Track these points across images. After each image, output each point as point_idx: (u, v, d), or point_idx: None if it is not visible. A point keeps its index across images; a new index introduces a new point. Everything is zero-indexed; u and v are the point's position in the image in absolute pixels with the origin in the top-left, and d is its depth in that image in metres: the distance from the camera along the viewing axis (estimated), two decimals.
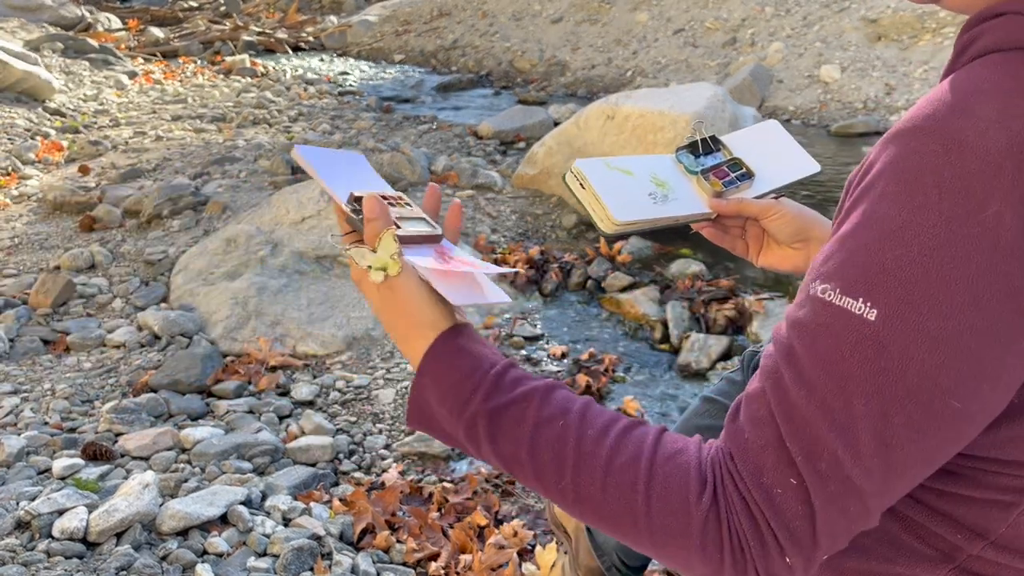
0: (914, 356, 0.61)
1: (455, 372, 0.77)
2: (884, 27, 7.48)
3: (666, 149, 4.00)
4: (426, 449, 2.35)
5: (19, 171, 4.87)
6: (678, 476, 0.69)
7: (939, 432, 0.62)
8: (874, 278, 0.62)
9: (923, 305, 0.60)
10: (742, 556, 0.66)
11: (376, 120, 6.59)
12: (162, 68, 8.98)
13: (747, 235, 1.20)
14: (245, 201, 4.10)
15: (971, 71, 0.65)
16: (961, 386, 0.61)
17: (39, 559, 1.75)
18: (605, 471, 0.70)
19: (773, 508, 0.65)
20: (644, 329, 3.22)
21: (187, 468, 2.19)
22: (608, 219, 1.07)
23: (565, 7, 10.25)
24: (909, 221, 0.61)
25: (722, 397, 1.41)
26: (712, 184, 1.16)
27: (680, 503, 0.68)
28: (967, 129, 0.60)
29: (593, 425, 0.73)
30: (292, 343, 2.92)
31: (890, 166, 0.63)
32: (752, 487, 0.66)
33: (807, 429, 0.64)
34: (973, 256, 0.59)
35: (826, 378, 0.63)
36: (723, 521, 0.67)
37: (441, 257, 0.83)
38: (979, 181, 0.59)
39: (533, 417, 0.73)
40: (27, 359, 2.81)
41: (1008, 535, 0.72)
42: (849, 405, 0.62)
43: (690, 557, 0.68)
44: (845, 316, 0.63)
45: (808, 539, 0.65)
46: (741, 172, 1.18)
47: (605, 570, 1.49)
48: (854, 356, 0.62)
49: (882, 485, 0.64)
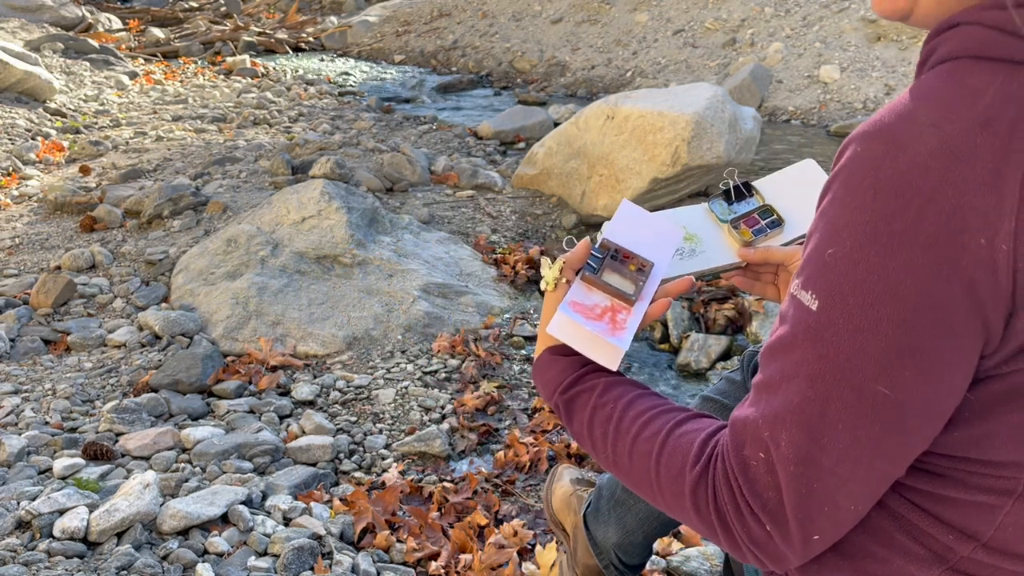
0: (843, 343, 0.66)
1: (549, 374, 0.98)
2: (884, 27, 7.48)
3: (666, 149, 4.00)
4: (426, 449, 2.36)
5: (20, 171, 4.87)
6: (683, 447, 0.80)
7: (874, 417, 0.67)
8: (817, 273, 0.68)
9: (849, 296, 0.66)
10: (727, 523, 0.74)
11: (376, 120, 6.60)
12: (163, 68, 8.98)
13: (778, 280, 1.22)
14: (246, 201, 4.11)
15: (924, 79, 0.69)
16: (884, 373, 0.65)
17: (40, 559, 1.75)
18: (633, 442, 0.85)
19: (747, 479, 0.72)
20: (644, 329, 3.23)
21: (188, 468, 2.20)
22: None
23: (565, 7, 10.25)
24: (847, 220, 0.66)
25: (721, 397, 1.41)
26: (742, 233, 1.17)
27: (678, 469, 0.79)
28: (906, 132, 0.64)
29: (635, 408, 0.88)
30: (292, 343, 2.93)
31: (842, 169, 0.68)
32: (734, 459, 0.73)
33: (772, 409, 0.71)
34: (894, 252, 0.63)
35: (784, 363, 0.71)
36: (710, 487, 0.76)
37: (607, 314, 0.97)
38: (908, 181, 0.63)
39: (593, 403, 0.92)
40: (28, 359, 2.82)
41: (998, 538, 0.73)
42: (798, 386, 0.69)
43: (690, 518, 0.79)
44: (799, 307, 0.70)
45: (780, 512, 0.71)
46: (772, 219, 1.19)
47: (603, 568, 1.49)
48: (803, 342, 0.69)
49: (836, 465, 0.69)
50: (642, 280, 0.99)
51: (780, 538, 0.72)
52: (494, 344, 3.01)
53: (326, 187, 3.64)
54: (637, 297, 0.97)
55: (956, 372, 0.66)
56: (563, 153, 4.44)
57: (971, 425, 0.70)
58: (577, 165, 4.36)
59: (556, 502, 1.67)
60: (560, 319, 0.95)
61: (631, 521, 1.43)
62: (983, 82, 0.64)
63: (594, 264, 0.99)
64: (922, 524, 0.76)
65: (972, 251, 0.62)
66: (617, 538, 1.45)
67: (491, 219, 4.24)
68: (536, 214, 4.35)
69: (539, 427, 2.48)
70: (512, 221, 4.24)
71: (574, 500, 1.61)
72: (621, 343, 0.93)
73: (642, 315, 0.97)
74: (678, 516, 0.81)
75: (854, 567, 0.81)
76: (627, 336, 0.95)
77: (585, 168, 4.31)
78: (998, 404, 0.69)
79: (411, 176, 4.66)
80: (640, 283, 0.98)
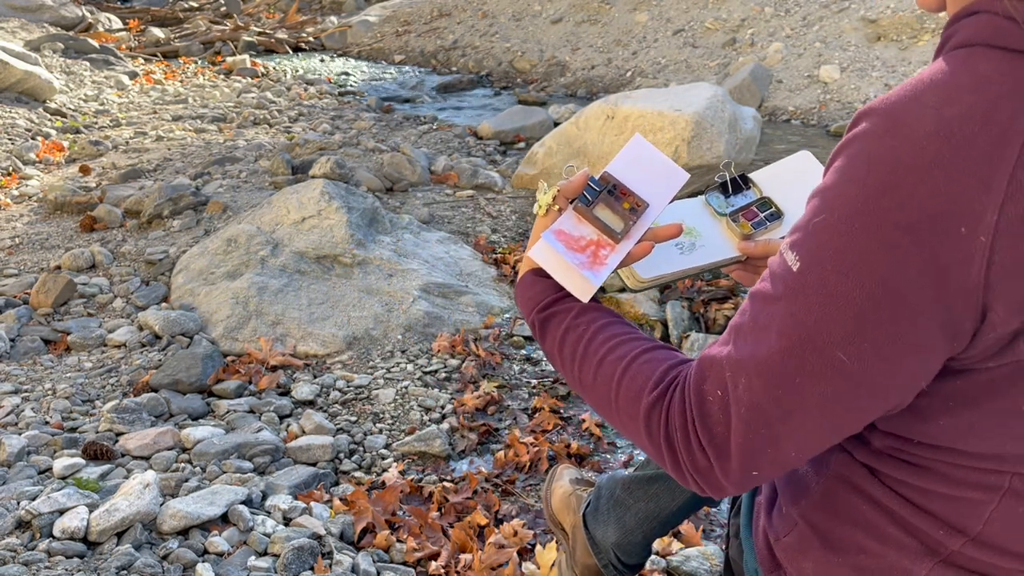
0: (814, 306, 0.69)
1: (530, 293, 1.00)
2: (884, 27, 7.48)
3: (666, 149, 4.00)
4: (426, 449, 2.36)
5: (20, 171, 4.87)
6: (645, 372, 0.83)
7: (829, 380, 0.69)
8: (803, 237, 0.70)
9: (828, 263, 0.68)
10: (674, 449, 0.77)
11: (376, 120, 6.60)
12: (163, 68, 8.98)
13: None
14: (246, 201, 4.11)
15: (936, 63, 0.69)
16: (846, 341, 0.67)
17: (40, 559, 1.75)
18: (599, 364, 0.88)
19: (701, 410, 0.75)
20: (644, 329, 3.23)
21: (188, 468, 2.20)
22: (634, 277, 1.08)
23: (565, 7, 10.25)
24: (840, 191, 0.68)
25: None
26: (741, 226, 1.16)
27: (636, 392, 0.82)
28: (908, 112, 0.65)
29: (606, 332, 0.90)
30: (292, 343, 2.93)
31: (849, 141, 0.69)
32: (693, 391, 0.76)
33: (739, 353, 0.73)
34: (877, 227, 0.65)
35: (760, 313, 0.73)
36: (663, 413, 0.79)
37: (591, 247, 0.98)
38: (901, 160, 0.64)
39: (567, 323, 0.94)
40: (28, 359, 2.82)
41: (987, 532, 0.74)
42: (768, 338, 0.72)
43: (641, 440, 0.82)
44: (783, 265, 0.72)
45: (725, 446, 0.73)
46: (770, 212, 1.18)
47: (602, 567, 1.49)
48: (780, 298, 0.72)
49: (785, 416, 0.71)
50: (633, 220, 0.98)
51: (720, 470, 0.74)
52: (494, 344, 3.01)
53: (326, 187, 3.64)
54: (624, 236, 0.97)
55: (913, 355, 0.67)
56: (563, 153, 4.44)
57: (956, 415, 0.71)
58: (577, 165, 4.36)
59: (555, 502, 1.67)
60: (541, 245, 0.97)
61: (630, 521, 1.43)
62: (992, 70, 0.65)
63: (589, 196, 0.99)
64: (912, 518, 0.78)
65: (952, 238, 0.62)
66: (616, 538, 1.45)
67: (491, 219, 4.24)
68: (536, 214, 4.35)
69: (539, 427, 2.48)
70: (512, 221, 4.24)
71: (573, 500, 1.61)
72: (595, 278, 0.94)
73: (624, 254, 0.97)
74: (631, 437, 0.84)
75: (847, 561, 0.82)
76: (604, 272, 0.95)
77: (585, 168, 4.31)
78: (983, 395, 0.70)
79: (411, 176, 4.66)
80: (631, 222, 0.98)
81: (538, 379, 2.81)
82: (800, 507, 0.89)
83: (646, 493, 1.43)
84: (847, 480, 0.84)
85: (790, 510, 0.91)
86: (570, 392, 2.73)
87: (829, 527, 0.86)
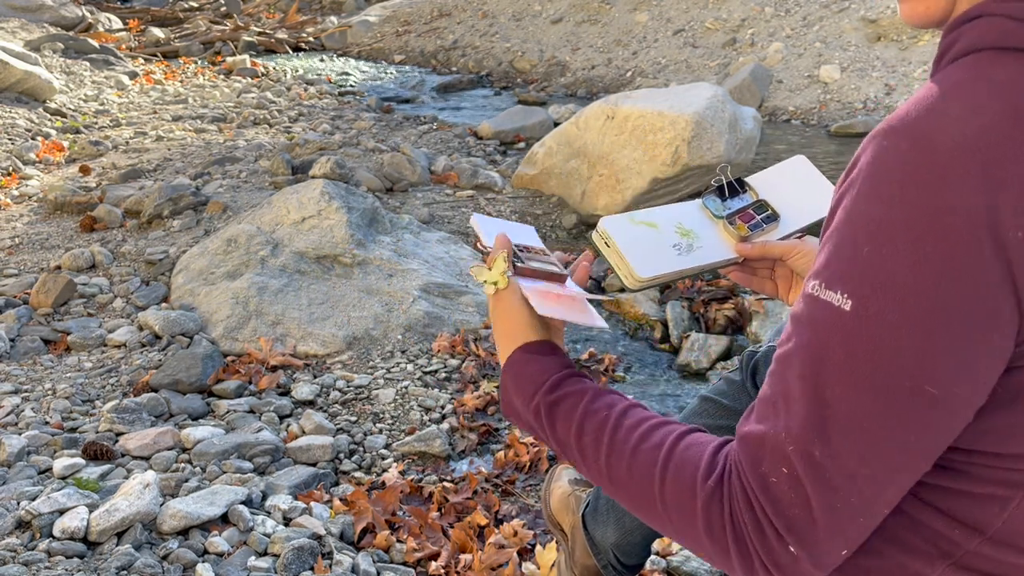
0: (883, 343, 0.64)
1: (529, 371, 0.91)
2: (884, 27, 7.48)
3: (666, 149, 4.00)
4: (426, 449, 2.36)
5: (20, 171, 4.87)
6: (692, 460, 0.74)
7: (919, 419, 0.65)
8: (849, 271, 0.66)
9: (888, 294, 0.64)
10: (745, 545, 0.69)
11: (376, 120, 6.60)
12: (163, 68, 8.98)
13: (775, 275, 1.21)
14: (246, 201, 4.11)
15: (947, 72, 0.68)
16: (928, 371, 0.63)
17: (40, 559, 1.75)
18: (632, 455, 0.78)
19: (768, 497, 0.68)
20: (644, 329, 3.23)
21: (188, 468, 2.20)
22: (632, 276, 1.09)
23: (565, 7, 10.25)
24: (880, 217, 0.64)
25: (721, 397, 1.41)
26: (738, 228, 1.17)
27: (689, 482, 0.73)
28: (934, 127, 0.64)
29: (632, 417, 0.82)
30: (292, 343, 2.93)
31: (867, 165, 0.67)
32: (751, 476, 0.69)
33: (798, 420, 0.67)
34: (932, 247, 0.62)
35: (811, 368, 0.67)
36: (725, 506, 0.70)
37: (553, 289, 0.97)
38: (940, 176, 0.62)
39: (583, 408, 0.85)
40: (28, 359, 2.82)
41: (1005, 530, 0.72)
42: (833, 395, 0.65)
43: (700, 539, 0.72)
44: (827, 308, 0.67)
45: (807, 529, 0.67)
46: (767, 214, 1.19)
47: (601, 568, 1.49)
48: (832, 345, 0.66)
49: (874, 473, 0.66)
50: (549, 259, 1.02)
51: (809, 558, 0.67)
52: (494, 344, 3.01)
53: (326, 187, 3.64)
54: (564, 272, 1.00)
55: (995, 364, 0.65)
56: (563, 153, 4.44)
57: (993, 416, 0.69)
58: (577, 165, 4.36)
59: (554, 502, 1.67)
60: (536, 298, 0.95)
61: (629, 521, 1.43)
62: (1008, 75, 0.64)
63: (514, 260, 0.99)
64: (926, 519, 0.75)
65: (1000, 241, 0.62)
66: (615, 538, 1.45)
67: None
68: (536, 214, 4.35)
69: None
70: (512, 221, 4.24)
71: (572, 500, 1.61)
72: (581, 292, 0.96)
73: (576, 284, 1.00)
74: (682, 536, 0.75)
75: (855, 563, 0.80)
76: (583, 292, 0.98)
77: (585, 168, 4.31)
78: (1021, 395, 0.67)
79: (411, 176, 4.66)
80: (554, 262, 1.02)
81: None
82: None
83: None
84: None
85: None
86: None
87: None
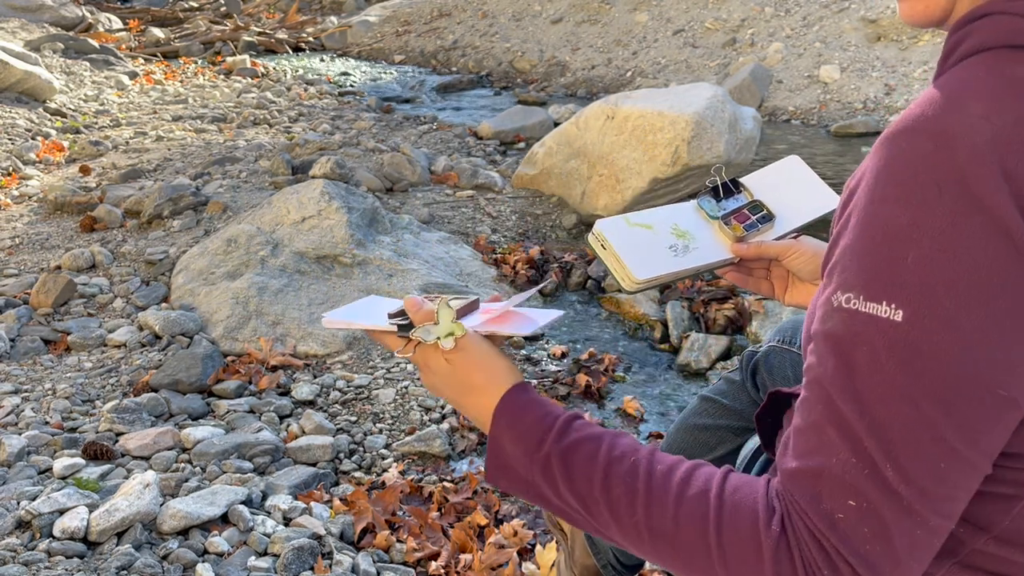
0: (948, 352, 0.61)
1: (529, 416, 0.80)
2: (884, 27, 7.48)
3: (666, 149, 4.00)
4: (426, 449, 2.36)
5: (20, 171, 4.87)
6: (748, 504, 0.68)
7: (994, 424, 0.62)
8: (894, 280, 0.62)
9: (944, 300, 0.61)
10: None
11: (376, 120, 6.60)
12: (163, 68, 8.98)
13: (772, 276, 1.22)
14: (246, 201, 4.11)
15: (960, 71, 0.68)
16: (998, 373, 0.61)
17: (40, 559, 1.75)
18: (676, 502, 0.70)
19: (838, 534, 0.63)
20: (644, 329, 3.23)
21: (188, 468, 2.20)
22: (629, 278, 1.09)
23: (565, 8, 10.25)
24: (916, 220, 0.62)
25: (721, 397, 1.41)
26: (733, 229, 1.17)
27: (750, 530, 0.67)
28: (956, 125, 0.63)
29: (662, 461, 0.74)
30: (293, 343, 2.93)
31: (886, 168, 0.65)
32: (814, 516, 0.64)
33: (855, 446, 0.63)
34: (980, 245, 0.61)
35: (862, 386, 0.63)
36: (794, 550, 0.65)
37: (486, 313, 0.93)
38: (972, 174, 0.61)
39: (605, 455, 0.75)
40: (28, 359, 2.82)
41: (1011, 528, 0.72)
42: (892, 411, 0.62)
43: None
44: (874, 322, 0.63)
45: (885, 561, 0.63)
46: (762, 214, 1.19)
47: (601, 568, 1.49)
48: (891, 362, 0.62)
49: (949, 491, 0.63)
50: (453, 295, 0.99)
51: None
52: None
53: (326, 187, 3.64)
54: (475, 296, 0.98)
55: None
56: (563, 153, 4.44)
57: None
58: (577, 165, 4.36)
59: None
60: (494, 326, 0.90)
61: None
62: None
63: None
64: None
65: None
66: None
67: (491, 219, 4.24)
68: (536, 214, 4.35)
69: None
70: (512, 221, 4.25)
71: None
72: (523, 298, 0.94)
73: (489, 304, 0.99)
74: None
75: None
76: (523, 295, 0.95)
77: (585, 168, 4.31)
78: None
79: (411, 176, 4.66)
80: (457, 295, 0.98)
81: (538, 379, 2.81)
82: None
83: None
84: None
85: None
86: (570, 393, 2.72)
87: None
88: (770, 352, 1.32)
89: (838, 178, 5.15)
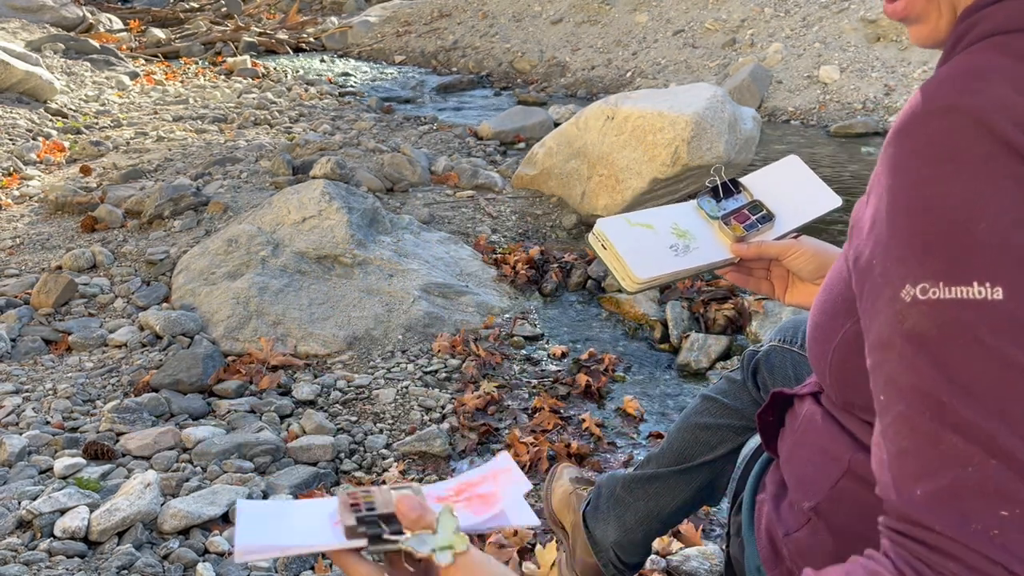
0: None
1: None
2: (883, 28, 7.49)
3: (665, 150, 4.01)
4: (426, 448, 2.36)
5: (21, 171, 4.88)
6: None
7: None
8: (977, 257, 0.58)
9: None
10: None
11: (377, 120, 6.60)
12: (163, 69, 8.99)
13: (772, 275, 1.22)
14: (246, 201, 4.11)
15: (975, 53, 0.68)
16: None
17: (40, 558, 1.76)
18: None
19: (997, 549, 0.55)
20: (644, 329, 3.23)
21: (188, 467, 2.20)
22: (630, 278, 1.09)
23: (565, 8, 10.26)
24: (977, 193, 0.59)
25: (722, 396, 1.42)
26: (733, 229, 1.17)
27: None
28: (988, 101, 0.62)
29: None
30: (293, 343, 2.93)
31: (921, 151, 0.63)
32: (964, 540, 0.56)
33: (987, 448, 0.56)
34: None
35: (987, 378, 0.57)
36: None
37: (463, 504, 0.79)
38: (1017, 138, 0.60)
39: None
40: (29, 359, 2.82)
41: None
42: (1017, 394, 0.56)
43: None
44: (969, 305, 0.57)
45: None
46: (762, 214, 1.19)
47: (602, 567, 1.50)
48: (1003, 343, 0.56)
49: None
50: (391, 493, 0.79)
51: None
52: (494, 344, 3.01)
53: (327, 187, 3.65)
54: None
55: None
56: (563, 153, 4.44)
57: None
58: (577, 165, 4.36)
59: (555, 501, 1.67)
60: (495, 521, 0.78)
61: (630, 520, 1.43)
62: None
63: None
64: None
65: None
66: (616, 536, 1.45)
67: (491, 219, 4.24)
68: (536, 214, 4.35)
69: (539, 427, 2.48)
70: (512, 221, 4.25)
71: (573, 499, 1.62)
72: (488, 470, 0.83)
73: None
74: None
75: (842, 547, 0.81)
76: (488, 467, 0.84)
77: (585, 168, 4.31)
78: None
79: (411, 176, 4.66)
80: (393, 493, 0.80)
81: (538, 379, 2.82)
82: (813, 503, 0.88)
83: (646, 492, 1.44)
84: (864, 479, 0.83)
85: (802, 505, 0.91)
86: (570, 392, 2.73)
87: (843, 524, 0.85)
88: (771, 352, 1.32)
89: (838, 178, 5.15)
